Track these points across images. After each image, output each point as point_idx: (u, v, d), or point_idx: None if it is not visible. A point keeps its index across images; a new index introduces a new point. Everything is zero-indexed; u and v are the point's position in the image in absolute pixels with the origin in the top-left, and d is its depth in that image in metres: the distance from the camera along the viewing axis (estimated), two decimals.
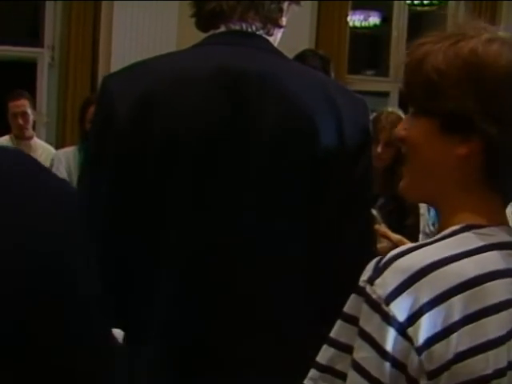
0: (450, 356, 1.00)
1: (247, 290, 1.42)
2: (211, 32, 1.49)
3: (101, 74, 5.87)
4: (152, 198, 1.38)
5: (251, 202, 1.39)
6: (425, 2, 7.16)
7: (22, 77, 6.04)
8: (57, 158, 4.54)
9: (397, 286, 1.02)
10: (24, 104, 4.97)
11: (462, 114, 1.10)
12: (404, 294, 1.01)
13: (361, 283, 1.06)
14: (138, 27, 6.21)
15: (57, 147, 5.24)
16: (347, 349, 1.07)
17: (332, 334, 1.11)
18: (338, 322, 1.10)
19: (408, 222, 3.23)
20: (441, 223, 1.19)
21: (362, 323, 1.04)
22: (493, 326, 1.03)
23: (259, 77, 1.41)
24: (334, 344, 1.10)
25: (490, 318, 1.03)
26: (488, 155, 1.11)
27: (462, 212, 1.13)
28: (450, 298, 1.01)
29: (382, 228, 2.33)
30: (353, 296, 1.07)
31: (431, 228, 3.51)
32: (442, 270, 1.03)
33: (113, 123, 1.37)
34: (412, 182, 1.20)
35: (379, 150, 3.21)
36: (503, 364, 1.03)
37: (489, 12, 6.87)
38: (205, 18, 1.48)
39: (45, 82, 6.37)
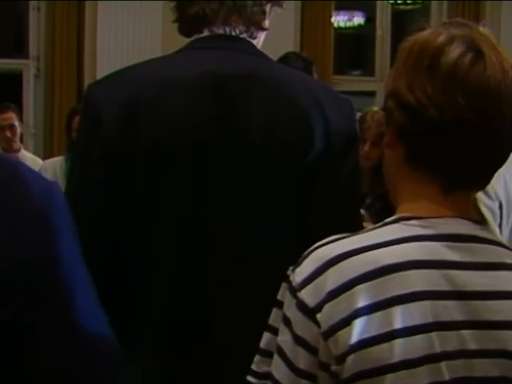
0: (353, 342, 1.01)
1: (247, 289, 1.42)
2: (195, 37, 1.49)
3: (87, 83, 5.87)
4: (146, 202, 1.38)
5: (249, 203, 1.40)
6: (408, 1, 7.20)
7: (7, 89, 6.02)
8: (43, 168, 4.55)
9: (309, 274, 1.06)
10: (11, 117, 4.97)
11: (385, 104, 1.14)
12: (314, 282, 1.05)
13: (288, 271, 1.10)
14: (122, 35, 6.22)
15: (45, 158, 5.24)
16: None
17: (269, 320, 1.14)
18: (273, 309, 1.14)
19: None
20: None
21: (284, 308, 1.08)
22: (402, 316, 1.02)
23: (245, 80, 1.41)
24: (270, 329, 1.14)
25: (399, 307, 1.03)
26: (404, 145, 1.12)
27: (402, 205, 1.14)
28: (355, 286, 1.03)
29: (368, 226, 2.35)
30: (283, 283, 1.11)
31: None
32: (352, 259, 1.05)
33: (99, 131, 1.37)
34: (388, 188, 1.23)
35: (366, 149, 3.23)
36: (417, 355, 1.02)
37: (472, 11, 6.90)
38: (188, 22, 1.48)
39: (31, 93, 6.37)
